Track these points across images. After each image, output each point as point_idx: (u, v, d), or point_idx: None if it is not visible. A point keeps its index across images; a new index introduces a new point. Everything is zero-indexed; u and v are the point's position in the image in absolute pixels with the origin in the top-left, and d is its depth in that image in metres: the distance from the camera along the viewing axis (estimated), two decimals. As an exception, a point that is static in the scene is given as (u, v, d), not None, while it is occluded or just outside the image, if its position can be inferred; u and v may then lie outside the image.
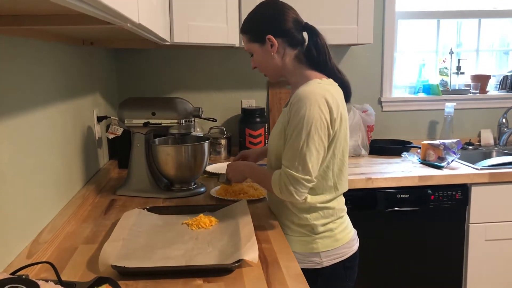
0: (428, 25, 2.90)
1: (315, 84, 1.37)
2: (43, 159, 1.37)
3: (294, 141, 1.32)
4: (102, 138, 2.16)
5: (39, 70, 1.36)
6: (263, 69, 1.51)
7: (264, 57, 1.45)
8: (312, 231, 1.43)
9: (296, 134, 1.31)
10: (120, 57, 2.58)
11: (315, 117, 1.30)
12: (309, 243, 1.43)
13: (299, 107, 1.31)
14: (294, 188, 1.32)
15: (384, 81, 2.76)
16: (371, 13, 2.29)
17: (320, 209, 1.43)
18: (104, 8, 0.76)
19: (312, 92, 1.33)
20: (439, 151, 2.27)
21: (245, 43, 1.49)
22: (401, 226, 2.18)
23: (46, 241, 1.28)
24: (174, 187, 1.87)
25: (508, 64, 3.01)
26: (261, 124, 2.52)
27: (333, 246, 1.44)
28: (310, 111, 1.30)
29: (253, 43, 1.46)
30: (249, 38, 1.46)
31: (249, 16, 1.48)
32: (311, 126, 1.30)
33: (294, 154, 1.32)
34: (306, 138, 1.30)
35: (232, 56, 2.64)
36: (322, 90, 1.35)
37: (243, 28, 1.49)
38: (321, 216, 1.43)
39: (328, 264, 1.43)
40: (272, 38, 1.41)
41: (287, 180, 1.33)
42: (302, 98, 1.32)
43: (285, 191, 1.34)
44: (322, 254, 1.43)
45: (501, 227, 2.23)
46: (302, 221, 1.44)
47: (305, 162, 1.31)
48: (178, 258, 1.21)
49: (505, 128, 2.77)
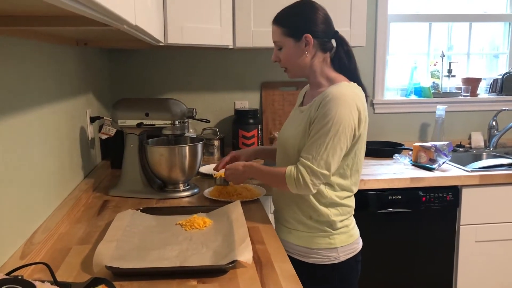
0: (420, 28, 2.93)
1: (345, 86, 1.42)
2: (36, 160, 1.36)
3: (320, 137, 1.36)
4: (95, 139, 2.15)
5: (32, 70, 1.36)
6: (289, 64, 1.50)
7: (295, 53, 1.46)
8: (331, 227, 1.47)
9: (324, 131, 1.36)
10: (113, 57, 2.58)
11: (345, 118, 1.36)
12: (327, 239, 1.47)
13: (331, 107, 1.36)
14: (311, 181, 1.37)
15: (376, 84, 2.78)
16: (364, 15, 2.31)
17: (339, 205, 1.48)
18: (101, 10, 0.76)
19: (344, 93, 1.38)
20: (430, 153, 2.29)
21: (277, 35, 1.48)
22: (392, 228, 2.20)
23: (39, 242, 1.28)
24: (167, 188, 1.87)
25: (498, 68, 3.05)
26: (254, 125, 2.53)
27: (348, 242, 1.50)
28: (341, 112, 1.35)
29: (287, 38, 1.45)
30: (284, 32, 1.46)
31: (288, 11, 1.48)
32: (340, 126, 1.35)
33: (318, 149, 1.36)
34: (333, 137, 1.35)
35: (225, 57, 2.65)
36: (353, 93, 1.40)
37: (280, 20, 1.47)
38: (339, 213, 1.48)
39: (344, 259, 1.49)
40: (310, 38, 1.44)
41: (305, 172, 1.37)
42: (334, 98, 1.36)
43: (302, 184, 1.37)
44: (340, 249, 1.48)
45: (491, 228, 2.26)
46: (322, 218, 1.47)
47: (328, 158, 1.36)
48: (172, 258, 1.21)
49: (495, 130, 2.80)
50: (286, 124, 1.61)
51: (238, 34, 2.23)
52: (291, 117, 1.61)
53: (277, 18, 1.49)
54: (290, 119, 1.60)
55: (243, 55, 2.65)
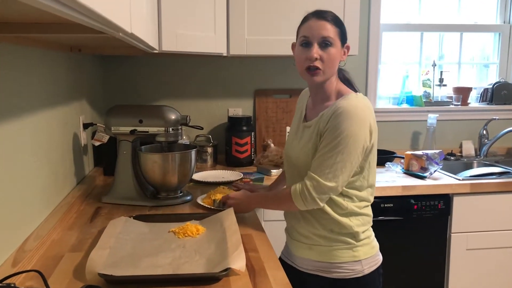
0: (411, 37, 2.96)
1: (354, 98, 1.40)
2: (29, 166, 1.36)
3: (330, 151, 1.34)
4: (87, 145, 2.14)
5: (26, 77, 1.36)
6: (329, 65, 1.41)
7: (338, 56, 1.43)
8: (354, 238, 1.43)
9: (334, 145, 1.34)
10: (107, 64, 2.58)
11: (356, 133, 1.33)
12: (351, 251, 1.43)
13: (342, 120, 1.33)
14: (317, 194, 1.35)
15: (369, 92, 2.81)
16: (357, 25, 2.34)
17: (360, 214, 1.45)
18: (98, 18, 0.76)
19: (355, 106, 1.36)
20: (422, 162, 2.31)
21: (333, 33, 1.40)
22: (385, 235, 2.19)
23: (31, 249, 1.27)
24: (160, 195, 1.86)
25: (488, 77, 3.09)
26: (247, 132, 2.54)
27: (371, 253, 1.47)
28: (352, 126, 1.33)
29: (338, 39, 1.42)
30: (338, 32, 1.41)
31: (334, 13, 1.45)
32: (350, 140, 1.33)
33: (327, 163, 1.34)
34: (342, 152, 1.33)
35: (219, 64, 2.66)
36: (363, 105, 1.38)
37: (334, 20, 1.42)
38: (361, 223, 1.45)
39: (368, 272, 1.45)
40: (349, 48, 1.46)
41: (311, 185, 1.35)
42: (346, 112, 1.34)
43: (308, 198, 1.36)
44: (364, 262, 1.44)
45: (482, 236, 2.28)
46: (344, 229, 1.43)
47: (336, 171, 1.34)
48: (165, 266, 1.21)
49: (485, 139, 2.83)
50: (292, 140, 1.55)
51: (232, 42, 2.24)
52: (295, 132, 1.56)
53: (330, 17, 1.42)
54: (295, 135, 1.55)
55: (236, 62, 2.66)
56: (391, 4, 2.86)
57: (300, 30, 1.45)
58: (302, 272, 1.50)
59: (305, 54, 1.41)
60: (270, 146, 2.53)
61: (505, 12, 2.98)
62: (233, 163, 2.53)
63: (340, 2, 2.29)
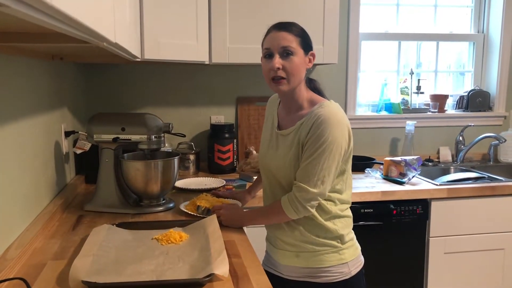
0: (389, 46, 3.03)
1: (330, 105, 1.44)
2: (11, 174, 1.35)
3: (316, 159, 1.38)
4: (69, 153, 2.14)
5: (6, 85, 1.35)
6: (293, 73, 1.44)
7: (302, 64, 1.46)
8: (340, 241, 1.47)
9: (320, 152, 1.38)
10: (89, 72, 2.57)
11: (338, 138, 1.39)
12: (338, 255, 1.47)
13: (324, 128, 1.38)
14: (309, 203, 1.40)
15: (348, 99, 2.86)
16: (336, 34, 2.39)
17: (342, 217, 1.49)
18: (83, 28, 0.78)
19: (334, 113, 1.41)
20: (400, 167, 2.36)
21: (293, 42, 1.43)
22: (365, 240, 2.23)
23: (13, 258, 1.27)
24: (143, 203, 1.87)
25: (464, 85, 3.18)
26: (229, 139, 2.56)
27: (356, 254, 1.51)
28: (334, 132, 1.38)
29: (300, 48, 1.45)
30: (299, 42, 1.44)
31: (297, 24, 1.48)
32: (334, 146, 1.38)
33: (314, 171, 1.38)
34: (328, 156, 1.38)
35: (201, 72, 2.68)
36: (340, 111, 1.44)
37: (294, 30, 1.45)
38: (345, 226, 1.49)
39: (354, 273, 1.49)
40: (315, 56, 1.49)
41: (300, 196, 1.39)
42: (326, 119, 1.39)
43: (300, 208, 1.40)
44: (350, 264, 1.48)
45: (459, 240, 2.34)
46: (329, 233, 1.46)
47: (324, 178, 1.39)
48: (149, 273, 1.22)
49: (461, 145, 2.91)
50: (267, 149, 1.57)
51: (214, 50, 2.27)
52: (269, 141, 1.57)
53: (290, 26, 1.45)
54: (269, 144, 1.57)
55: (218, 70, 2.69)
56: (369, 14, 2.93)
57: (263, 43, 1.50)
58: (289, 280, 1.52)
59: (268, 65, 1.45)
60: (252, 153, 2.55)
61: (478, 22, 3.07)
62: (216, 170, 2.54)
63: (319, 12, 2.34)
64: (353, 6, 2.77)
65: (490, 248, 2.37)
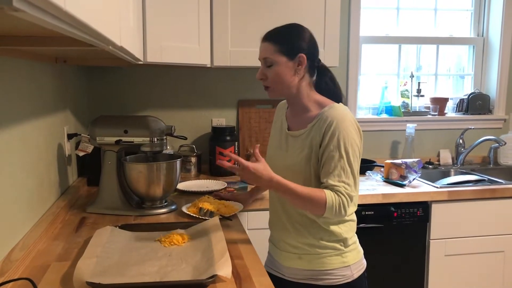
0: (390, 49, 3.05)
1: (340, 108, 1.45)
2: (16, 176, 1.36)
3: (340, 161, 1.37)
4: (71, 155, 2.15)
5: (10, 87, 1.37)
6: (276, 82, 1.46)
7: (285, 71, 1.44)
8: (343, 244, 1.47)
9: (340, 155, 1.37)
10: (91, 74, 2.58)
11: (355, 140, 1.40)
12: (341, 258, 1.47)
13: (341, 131, 1.38)
14: (348, 206, 1.38)
15: (349, 102, 2.87)
16: (337, 37, 2.40)
17: (347, 221, 1.49)
18: (91, 32, 0.79)
19: (346, 115, 1.41)
20: (401, 170, 2.37)
21: (269, 52, 1.45)
22: (366, 243, 2.24)
23: (17, 259, 1.28)
24: (145, 205, 1.88)
25: (464, 88, 3.19)
26: (231, 142, 2.57)
27: (359, 257, 1.52)
28: (351, 134, 1.39)
29: (281, 56, 1.44)
30: (278, 49, 1.44)
31: (282, 30, 1.48)
32: (351, 147, 1.38)
33: (344, 173, 1.38)
34: (348, 159, 1.38)
35: (203, 75, 2.69)
36: (350, 114, 1.44)
37: (274, 38, 1.46)
38: (349, 229, 1.49)
39: (357, 276, 1.49)
40: (304, 58, 1.44)
41: (344, 199, 1.36)
42: (340, 122, 1.39)
43: (340, 210, 1.36)
44: (353, 267, 1.48)
45: (460, 242, 2.34)
46: (333, 237, 1.46)
47: (355, 181, 1.40)
48: (152, 274, 1.23)
49: (462, 148, 2.92)
50: (276, 150, 1.56)
51: (216, 54, 2.28)
52: (278, 142, 1.56)
53: (271, 35, 1.47)
54: (279, 145, 1.55)
55: (220, 73, 2.70)
56: (370, 17, 2.94)
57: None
58: (291, 282, 1.53)
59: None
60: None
61: (478, 25, 3.09)
62: (217, 172, 2.55)
63: (320, 15, 2.35)
64: (353, 10, 2.79)
65: (491, 250, 2.38)
